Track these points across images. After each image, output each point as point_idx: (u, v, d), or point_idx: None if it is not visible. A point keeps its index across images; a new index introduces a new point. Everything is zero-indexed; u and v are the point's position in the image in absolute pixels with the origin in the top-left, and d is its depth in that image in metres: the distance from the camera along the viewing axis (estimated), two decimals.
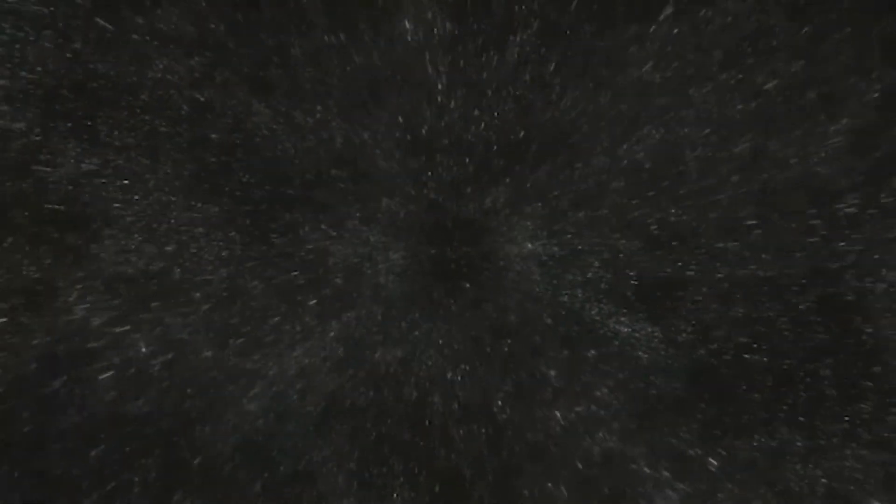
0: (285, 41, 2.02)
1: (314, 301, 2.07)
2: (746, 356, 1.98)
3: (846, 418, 1.94)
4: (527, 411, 2.02)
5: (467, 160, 2.08)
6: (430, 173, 2.09)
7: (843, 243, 1.96)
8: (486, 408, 2.02)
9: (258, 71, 2.03)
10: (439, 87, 2.05)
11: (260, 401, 2.04)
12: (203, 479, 2.02)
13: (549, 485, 1.98)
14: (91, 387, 2.07)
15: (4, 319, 2.05)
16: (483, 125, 2.07)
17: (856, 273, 1.95)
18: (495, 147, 2.08)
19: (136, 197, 2.06)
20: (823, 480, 1.94)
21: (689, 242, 2.02)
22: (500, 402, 2.03)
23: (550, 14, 2.01)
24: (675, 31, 1.99)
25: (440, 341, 2.05)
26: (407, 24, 2.04)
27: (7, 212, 2.04)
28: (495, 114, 2.06)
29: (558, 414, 2.00)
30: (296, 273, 2.07)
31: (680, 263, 2.01)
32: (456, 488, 1.98)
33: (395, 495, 1.97)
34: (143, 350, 2.11)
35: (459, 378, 2.04)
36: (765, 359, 1.96)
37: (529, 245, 2.09)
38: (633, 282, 2.03)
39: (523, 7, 2.00)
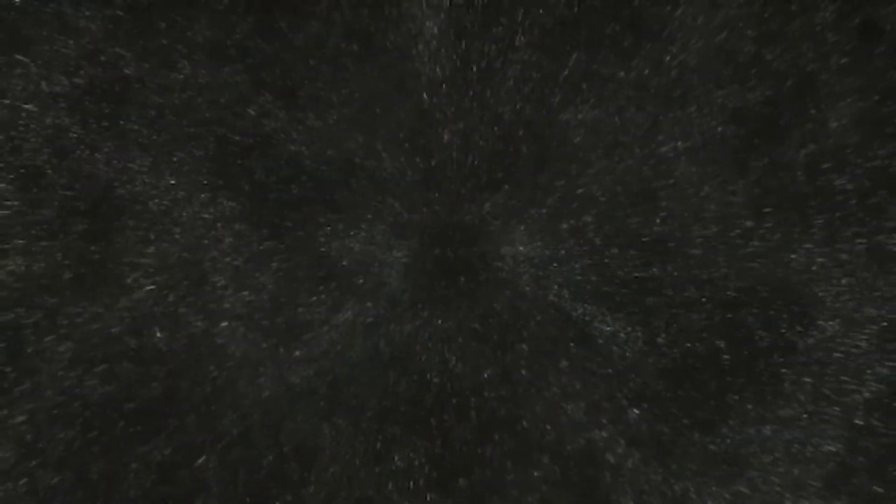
0: (305, 53, 2.23)
1: (324, 292, 2.24)
2: (720, 357, 2.20)
3: (805, 415, 2.16)
4: (511, 390, 2.21)
5: (468, 168, 2.26)
6: (433, 179, 2.26)
7: (794, 255, 2.18)
8: (477, 387, 2.20)
9: (278, 80, 2.23)
10: (445, 99, 2.24)
11: (269, 384, 2.21)
12: (211, 459, 2.19)
13: (531, 469, 2.19)
14: (108, 368, 2.24)
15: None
16: (484, 136, 2.25)
17: (814, 283, 2.19)
18: (495, 157, 2.26)
19: (160, 192, 2.23)
20: (781, 471, 2.16)
21: (673, 251, 2.20)
22: (488, 382, 2.22)
23: (551, 35, 2.21)
24: (664, 56, 2.22)
25: (438, 322, 2.23)
26: (414, 40, 2.25)
27: (42, 203, 2.22)
28: (494, 128, 2.24)
29: (538, 394, 2.20)
30: (307, 266, 2.24)
31: (656, 269, 2.20)
32: (450, 456, 2.18)
33: (395, 458, 2.16)
34: (158, 335, 2.27)
35: (454, 361, 2.22)
36: (729, 357, 2.18)
37: (521, 248, 2.26)
38: (617, 285, 2.21)
39: (523, 37, 2.21)
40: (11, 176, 2.23)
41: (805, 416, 2.15)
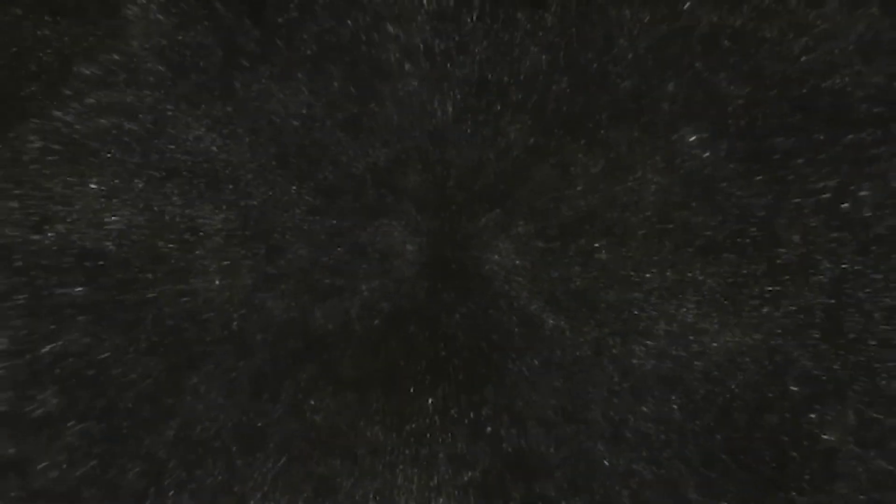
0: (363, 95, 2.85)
1: (349, 270, 2.80)
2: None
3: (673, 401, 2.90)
4: (476, 334, 2.77)
5: (472, 190, 2.81)
6: (445, 195, 2.81)
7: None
8: (454, 330, 2.76)
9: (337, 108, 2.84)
10: (460, 137, 2.81)
11: (300, 331, 2.79)
12: (254, 383, 2.77)
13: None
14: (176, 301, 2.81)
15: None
16: (486, 169, 2.81)
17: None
18: (493, 185, 2.82)
19: (232, 166, 2.83)
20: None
21: (615, 273, 2.75)
22: (460, 325, 2.77)
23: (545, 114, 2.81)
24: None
25: (436, 303, 2.80)
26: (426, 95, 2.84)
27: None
28: (490, 165, 2.82)
29: (487, 335, 2.78)
30: (339, 248, 2.81)
31: (604, 283, 2.76)
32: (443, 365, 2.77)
33: (410, 390, 2.73)
34: (217, 283, 2.81)
35: (444, 318, 2.78)
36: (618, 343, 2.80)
37: (497, 257, 2.80)
38: (569, 293, 2.74)
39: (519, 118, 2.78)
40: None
41: (674, 401, 2.85)
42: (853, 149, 2.77)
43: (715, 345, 2.72)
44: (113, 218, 2.80)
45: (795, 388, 2.72)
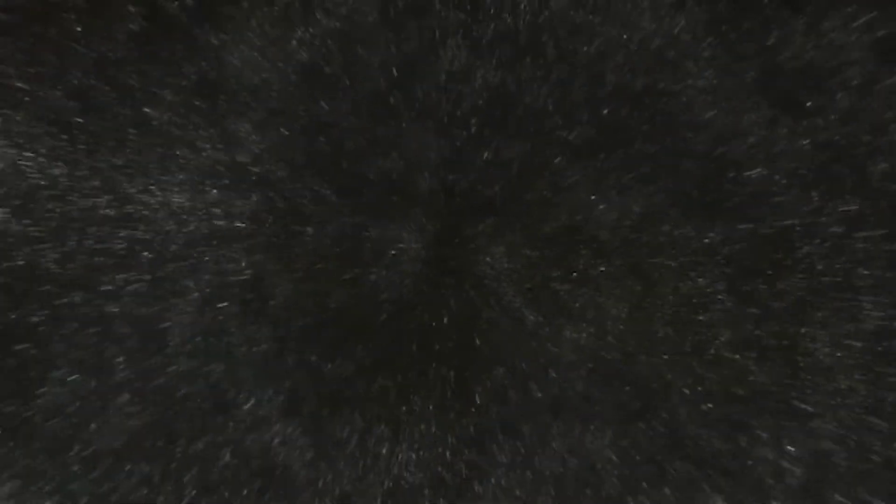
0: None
1: (359, 263, 3.16)
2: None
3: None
4: (461, 317, 3.15)
5: (474, 199, 3.15)
6: (449, 202, 3.16)
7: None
8: (451, 314, 3.13)
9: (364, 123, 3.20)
10: (466, 154, 3.17)
11: (312, 313, 3.14)
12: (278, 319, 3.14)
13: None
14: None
15: None
16: (487, 182, 3.17)
17: None
18: (492, 197, 3.17)
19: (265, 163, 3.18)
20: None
21: (593, 280, 3.13)
22: (451, 311, 3.13)
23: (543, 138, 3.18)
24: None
25: (436, 296, 3.15)
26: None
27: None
28: (494, 186, 3.18)
29: (474, 322, 3.12)
30: (350, 243, 3.16)
31: (578, 287, 3.13)
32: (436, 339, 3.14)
33: (410, 367, 3.05)
34: (243, 264, 3.18)
35: (439, 311, 3.13)
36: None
37: (488, 259, 3.16)
38: (546, 294, 3.12)
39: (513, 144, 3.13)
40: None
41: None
42: None
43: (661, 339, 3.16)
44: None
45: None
